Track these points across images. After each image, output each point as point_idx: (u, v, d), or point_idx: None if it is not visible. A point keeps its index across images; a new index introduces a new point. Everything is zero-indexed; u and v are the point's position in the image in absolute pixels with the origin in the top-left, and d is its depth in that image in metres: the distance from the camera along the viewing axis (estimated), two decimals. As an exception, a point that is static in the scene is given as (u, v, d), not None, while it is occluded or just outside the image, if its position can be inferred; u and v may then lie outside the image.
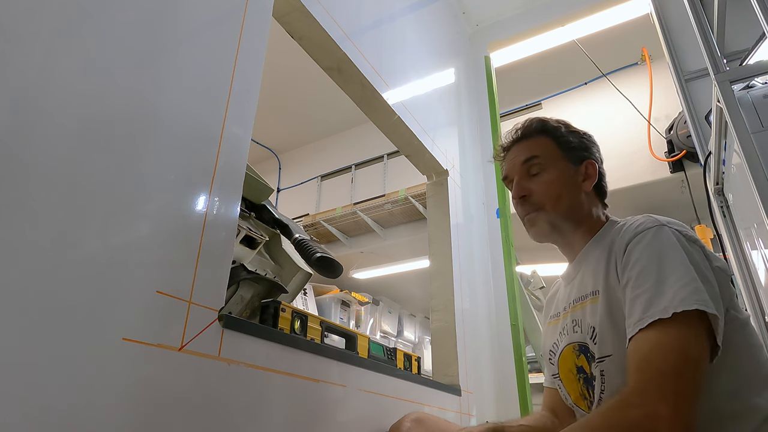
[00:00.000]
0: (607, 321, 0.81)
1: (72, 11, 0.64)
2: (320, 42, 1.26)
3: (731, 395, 0.72)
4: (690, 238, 0.78)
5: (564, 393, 0.95)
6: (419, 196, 3.42)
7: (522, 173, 0.96)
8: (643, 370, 0.66)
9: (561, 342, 0.93)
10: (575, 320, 0.89)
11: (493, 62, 2.56)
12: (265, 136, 4.58)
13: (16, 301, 0.52)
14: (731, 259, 1.72)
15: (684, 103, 1.98)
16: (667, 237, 0.77)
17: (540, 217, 0.93)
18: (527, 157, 0.96)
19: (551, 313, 1.02)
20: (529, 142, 0.99)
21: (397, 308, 4.83)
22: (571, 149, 0.97)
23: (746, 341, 0.77)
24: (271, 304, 0.91)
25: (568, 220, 0.93)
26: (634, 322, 0.71)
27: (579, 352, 0.88)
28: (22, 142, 0.56)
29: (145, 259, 0.66)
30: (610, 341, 0.80)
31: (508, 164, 1.00)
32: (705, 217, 3.04)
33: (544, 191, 0.93)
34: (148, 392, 0.63)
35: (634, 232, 0.81)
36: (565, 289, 0.97)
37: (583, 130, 1.02)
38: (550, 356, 0.97)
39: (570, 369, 0.90)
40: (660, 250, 0.76)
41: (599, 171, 0.98)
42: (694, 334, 0.67)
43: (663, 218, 0.81)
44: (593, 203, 0.96)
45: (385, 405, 1.14)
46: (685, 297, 0.68)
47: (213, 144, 0.81)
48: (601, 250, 0.88)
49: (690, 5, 1.62)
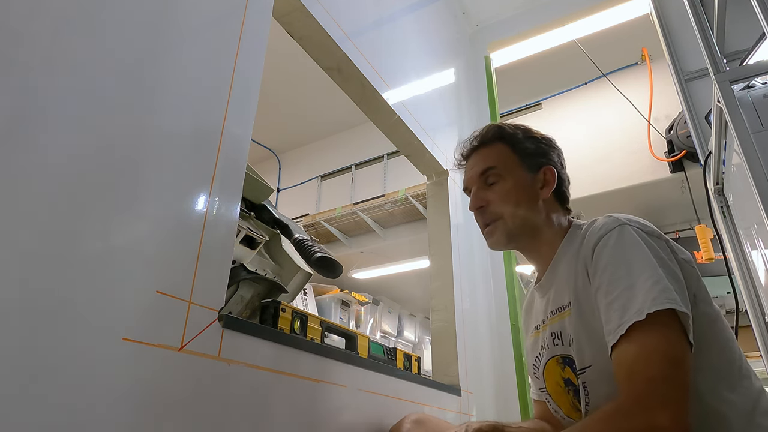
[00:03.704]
0: (583, 331, 0.81)
1: (72, 11, 0.64)
2: (320, 42, 1.26)
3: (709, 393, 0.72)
4: (653, 234, 0.78)
5: (554, 406, 0.93)
6: (419, 196, 3.42)
7: (479, 183, 0.96)
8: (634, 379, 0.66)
9: (543, 356, 0.92)
10: (554, 333, 0.88)
11: (493, 62, 2.56)
12: (265, 136, 4.58)
13: (16, 301, 0.52)
14: (731, 259, 1.72)
15: (684, 103, 1.98)
16: (629, 236, 0.77)
17: (498, 227, 0.93)
18: (483, 168, 0.96)
19: (531, 326, 1.01)
20: (487, 150, 0.99)
21: (397, 308, 4.83)
22: (528, 156, 0.96)
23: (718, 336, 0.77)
24: (271, 304, 0.91)
25: (526, 228, 0.92)
26: (614, 329, 0.71)
27: (564, 364, 0.87)
28: (21, 141, 0.56)
29: (145, 260, 0.66)
30: (588, 351, 0.80)
31: (467, 174, 1.00)
32: (705, 217, 3.05)
33: (501, 201, 0.93)
34: (148, 392, 0.63)
35: (598, 235, 0.80)
36: (541, 301, 0.96)
37: (542, 135, 1.00)
38: (534, 370, 0.96)
39: (557, 382, 0.90)
40: (625, 251, 0.76)
41: (559, 176, 0.96)
42: (673, 334, 0.68)
43: (623, 216, 0.81)
44: (553, 210, 0.95)
45: (385, 405, 1.14)
46: (656, 297, 0.68)
47: (213, 144, 0.81)
48: (570, 258, 0.87)
49: (690, 5, 1.62)
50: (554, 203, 0.96)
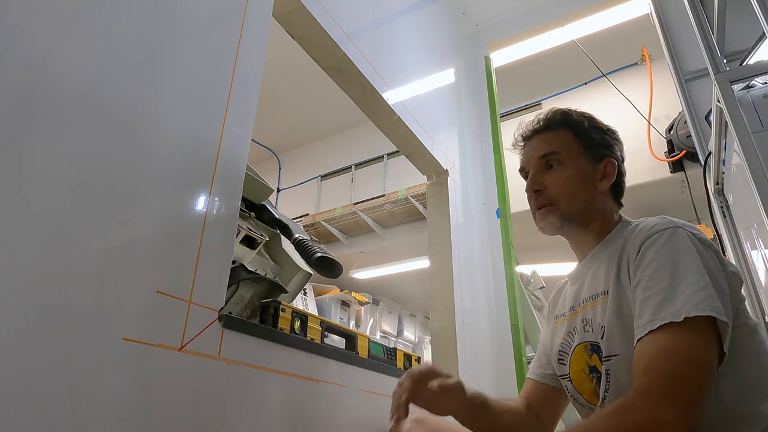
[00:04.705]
0: (616, 321, 0.80)
1: (72, 11, 0.64)
2: (320, 42, 1.26)
3: (735, 401, 0.72)
4: (705, 242, 0.77)
5: (574, 394, 0.93)
6: (419, 196, 3.42)
7: (539, 167, 0.95)
8: (649, 373, 0.66)
9: (572, 342, 0.92)
10: (585, 320, 0.88)
11: (493, 62, 2.56)
12: (265, 136, 4.59)
13: (16, 301, 0.52)
14: (731, 259, 1.72)
15: (684, 103, 1.98)
16: (682, 240, 0.76)
17: (552, 212, 0.92)
18: (546, 152, 0.94)
19: (557, 313, 1.01)
20: (550, 135, 0.97)
21: (397, 308, 4.83)
22: (592, 146, 0.95)
23: (754, 347, 0.77)
24: (271, 304, 0.91)
25: (580, 218, 0.92)
26: (644, 323, 0.70)
27: (591, 352, 0.87)
28: (21, 141, 0.56)
29: (145, 259, 0.66)
30: (618, 341, 0.80)
31: (526, 156, 0.98)
32: (705, 217, 3.04)
33: (559, 187, 0.92)
34: (148, 392, 0.63)
35: (648, 233, 0.79)
36: (571, 288, 0.96)
37: (607, 126, 1.00)
38: (560, 357, 0.95)
39: (582, 369, 0.90)
40: (675, 252, 0.75)
41: (619, 169, 0.96)
42: (704, 340, 0.67)
43: (678, 220, 0.80)
44: (607, 203, 0.94)
45: (385, 405, 1.14)
46: (699, 302, 0.67)
47: (213, 144, 0.81)
48: (613, 250, 0.87)
49: (690, 5, 1.62)
50: (609, 196, 0.95)
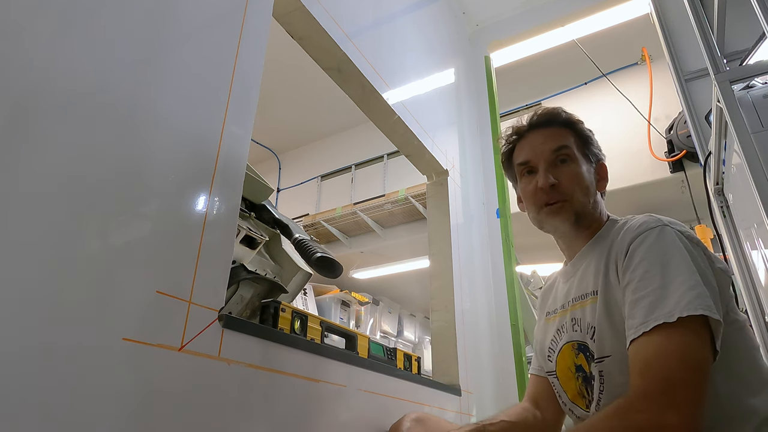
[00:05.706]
0: (606, 321, 0.81)
1: (72, 11, 0.64)
2: (320, 42, 1.26)
3: (728, 397, 0.72)
4: (692, 239, 0.78)
5: (559, 390, 0.94)
6: (419, 196, 3.43)
7: (550, 161, 0.93)
8: (646, 375, 0.66)
9: (560, 339, 0.93)
10: (574, 319, 0.89)
11: (493, 62, 2.56)
12: (265, 136, 4.58)
13: (16, 301, 0.52)
14: (731, 259, 1.72)
15: (684, 103, 1.98)
16: (670, 238, 0.76)
17: (565, 207, 0.90)
18: (558, 145, 0.93)
19: (548, 309, 1.01)
20: (557, 131, 0.95)
21: (397, 308, 4.83)
22: (590, 148, 0.97)
23: (744, 343, 0.77)
24: (271, 304, 0.91)
25: (586, 214, 0.92)
26: (637, 324, 0.70)
27: (578, 351, 0.88)
28: (21, 141, 0.56)
29: (145, 259, 0.66)
30: (609, 342, 0.80)
31: (533, 149, 0.95)
32: (705, 217, 3.04)
33: (573, 182, 0.91)
34: (148, 392, 0.63)
35: (636, 232, 0.80)
36: (563, 286, 0.97)
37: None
38: (548, 353, 0.96)
39: (568, 367, 0.90)
40: (663, 251, 0.75)
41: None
42: (699, 340, 0.67)
43: (665, 218, 0.81)
44: (600, 203, 0.96)
45: (385, 405, 1.14)
46: (691, 301, 0.68)
47: (213, 144, 0.81)
48: (601, 249, 0.87)
49: (690, 5, 1.62)
50: (601, 198, 0.97)
